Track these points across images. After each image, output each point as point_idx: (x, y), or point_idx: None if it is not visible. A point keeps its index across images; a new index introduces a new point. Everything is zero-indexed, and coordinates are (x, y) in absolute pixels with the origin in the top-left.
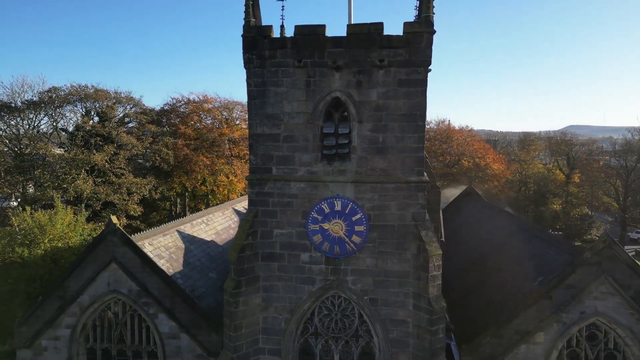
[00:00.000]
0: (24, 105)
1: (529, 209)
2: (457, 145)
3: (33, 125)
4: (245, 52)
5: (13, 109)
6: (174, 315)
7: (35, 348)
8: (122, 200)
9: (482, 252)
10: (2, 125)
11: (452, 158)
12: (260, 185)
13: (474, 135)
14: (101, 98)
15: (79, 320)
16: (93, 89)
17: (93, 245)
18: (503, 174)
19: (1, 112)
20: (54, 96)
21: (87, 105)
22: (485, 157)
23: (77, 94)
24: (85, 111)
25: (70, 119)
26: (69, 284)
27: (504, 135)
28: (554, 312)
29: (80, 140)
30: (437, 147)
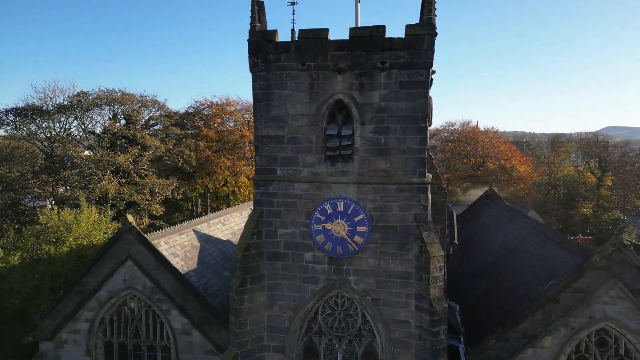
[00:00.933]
0: (54, 109)
1: (558, 213)
2: (482, 147)
3: (63, 128)
4: (250, 57)
5: (44, 113)
6: (186, 312)
7: (57, 340)
8: (145, 200)
9: (497, 255)
10: (34, 127)
11: (476, 160)
12: (265, 186)
13: (500, 137)
14: (127, 102)
15: (97, 314)
16: (120, 92)
17: (110, 243)
18: (530, 177)
19: (33, 115)
20: (83, 100)
21: (114, 109)
22: (511, 159)
23: (105, 97)
24: (113, 114)
25: (97, 121)
26: (88, 280)
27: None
28: (561, 316)
29: (106, 142)
30: (461, 149)
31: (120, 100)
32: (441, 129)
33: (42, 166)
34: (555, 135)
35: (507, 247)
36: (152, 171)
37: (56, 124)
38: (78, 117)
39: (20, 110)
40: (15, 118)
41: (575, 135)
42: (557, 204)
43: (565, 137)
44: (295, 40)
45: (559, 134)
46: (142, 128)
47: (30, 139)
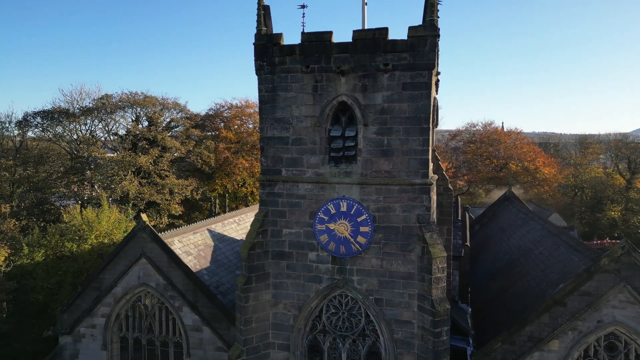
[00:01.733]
0: (79, 112)
1: (584, 216)
2: (504, 148)
3: (89, 130)
4: (256, 60)
5: (70, 115)
6: (196, 309)
7: (75, 335)
8: (165, 200)
9: (511, 258)
10: (60, 129)
11: (499, 161)
12: (270, 186)
13: (523, 138)
14: (149, 104)
15: (113, 310)
16: (142, 95)
17: (126, 241)
18: (555, 178)
19: (60, 117)
20: (106, 103)
21: (137, 111)
22: (535, 161)
23: (128, 100)
24: (136, 116)
25: (120, 123)
26: (105, 277)
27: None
28: (568, 320)
29: (128, 143)
30: (483, 150)
31: (142, 102)
32: (463, 130)
33: (68, 167)
34: (583, 137)
35: (521, 250)
36: (172, 172)
37: (82, 126)
38: (102, 120)
39: (47, 113)
40: (43, 120)
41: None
42: (584, 207)
43: (593, 138)
44: (299, 43)
45: (587, 135)
46: (163, 130)
47: (57, 141)
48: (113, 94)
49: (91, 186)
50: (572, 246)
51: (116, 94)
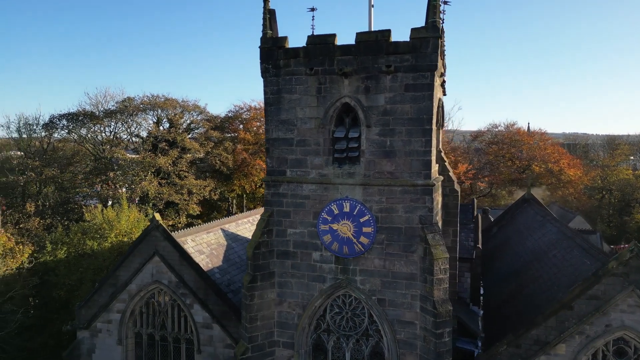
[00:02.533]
0: (103, 114)
1: (612, 219)
2: (527, 149)
3: (113, 132)
4: (262, 62)
5: (94, 117)
6: (207, 306)
7: (92, 329)
8: (183, 200)
9: (525, 261)
10: (85, 131)
11: (521, 163)
12: (275, 187)
13: (547, 138)
14: (170, 107)
15: (128, 306)
16: (163, 98)
17: (140, 239)
18: (580, 180)
19: (84, 120)
20: (128, 105)
21: (158, 113)
22: (560, 162)
23: (149, 103)
24: (157, 118)
25: (142, 125)
26: (120, 273)
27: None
28: (575, 324)
29: (149, 145)
30: (505, 151)
31: (163, 105)
32: (485, 130)
33: (92, 167)
34: (612, 137)
35: (535, 253)
36: (191, 172)
37: (105, 128)
38: (124, 122)
39: (72, 115)
40: (68, 122)
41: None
42: (611, 210)
43: (622, 138)
44: (303, 46)
45: (616, 136)
46: (183, 132)
47: (81, 142)
48: (135, 97)
49: (113, 186)
50: (585, 249)
51: (138, 96)
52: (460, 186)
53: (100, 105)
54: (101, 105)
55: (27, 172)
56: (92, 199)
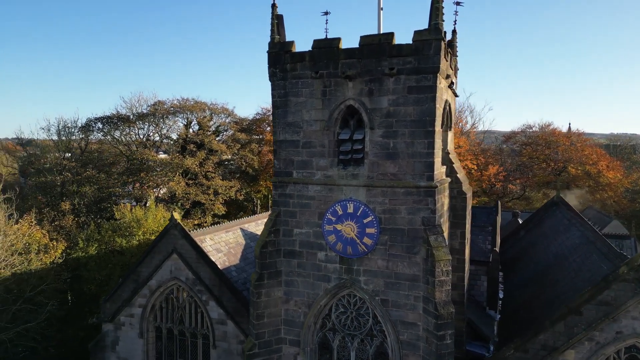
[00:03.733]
0: (135, 117)
1: None
2: (562, 151)
3: (145, 135)
4: (270, 67)
5: (126, 120)
6: (221, 303)
7: (116, 323)
8: (209, 200)
9: (546, 265)
10: (118, 133)
11: (556, 165)
12: (282, 187)
13: (585, 139)
14: (199, 110)
15: (149, 301)
16: (193, 101)
17: (160, 237)
18: (620, 183)
19: (118, 122)
20: (159, 109)
21: (188, 116)
22: (598, 164)
23: (179, 106)
24: (187, 121)
25: (172, 128)
26: (141, 270)
27: (629, 139)
28: (584, 329)
29: (178, 146)
30: (539, 153)
31: (192, 108)
32: (519, 131)
33: (124, 168)
34: None
35: (557, 257)
36: (218, 173)
37: (138, 130)
38: (155, 124)
39: (107, 118)
40: (103, 125)
41: None
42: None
43: None
44: (309, 50)
45: None
46: (211, 134)
47: (115, 144)
48: (165, 100)
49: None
50: (604, 254)
51: (168, 100)
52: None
53: (134, 108)
54: (135, 109)
55: (64, 172)
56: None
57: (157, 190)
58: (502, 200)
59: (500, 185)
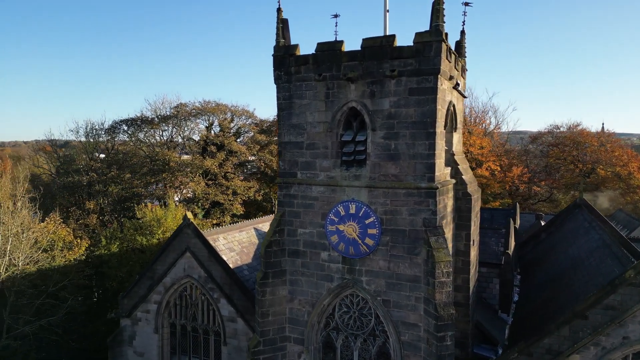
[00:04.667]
0: (158, 119)
1: None
2: (591, 152)
3: (170, 136)
4: (275, 70)
5: (150, 122)
6: (232, 301)
7: (133, 318)
8: (228, 200)
9: (562, 268)
10: (142, 135)
11: (584, 166)
12: (287, 188)
13: (615, 140)
14: (219, 112)
15: (163, 298)
16: (214, 103)
17: (174, 236)
18: None
19: (142, 124)
20: (181, 111)
21: (209, 118)
22: (628, 165)
23: (201, 108)
24: (209, 123)
25: (194, 129)
26: (156, 267)
27: None
28: (590, 334)
29: (199, 148)
30: (566, 154)
31: (213, 110)
32: (545, 132)
33: (147, 169)
34: None
35: (574, 261)
36: (237, 174)
37: (161, 132)
38: (177, 126)
39: (131, 121)
40: (128, 127)
41: None
42: None
43: None
44: (313, 53)
45: None
46: (231, 135)
47: (139, 145)
48: (187, 103)
49: (165, 186)
50: (618, 258)
51: (190, 102)
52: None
53: (158, 110)
54: (159, 111)
55: (90, 172)
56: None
57: (178, 191)
58: (528, 203)
59: (524, 187)
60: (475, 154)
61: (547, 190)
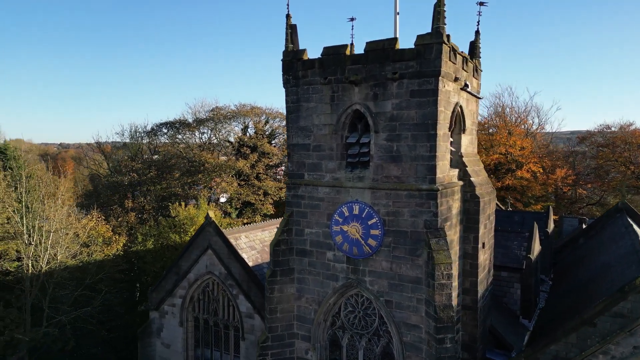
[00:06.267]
0: (195, 122)
1: None
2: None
3: (207, 138)
4: (283, 74)
5: (187, 125)
6: (249, 298)
7: (160, 311)
8: (259, 200)
9: (592, 275)
10: (180, 137)
11: (637, 168)
12: (295, 189)
13: None
14: (254, 114)
15: (187, 292)
16: (249, 106)
17: (197, 234)
18: None
19: (180, 127)
20: (216, 114)
21: (245, 121)
22: None
23: (235, 112)
24: (244, 125)
25: (229, 132)
26: (181, 263)
27: None
28: (598, 342)
29: (233, 149)
30: (617, 155)
31: (247, 113)
32: (595, 132)
33: (185, 170)
34: None
35: (603, 267)
36: (269, 175)
37: (201, 135)
38: (214, 128)
39: (170, 124)
40: (167, 130)
41: None
42: None
43: None
44: (319, 57)
45: None
46: (265, 137)
47: (177, 147)
48: (223, 106)
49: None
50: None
51: (225, 105)
52: (560, 194)
53: (197, 113)
54: (197, 114)
55: (131, 173)
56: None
57: (212, 191)
58: (575, 206)
59: (568, 190)
60: (515, 155)
61: (596, 193)
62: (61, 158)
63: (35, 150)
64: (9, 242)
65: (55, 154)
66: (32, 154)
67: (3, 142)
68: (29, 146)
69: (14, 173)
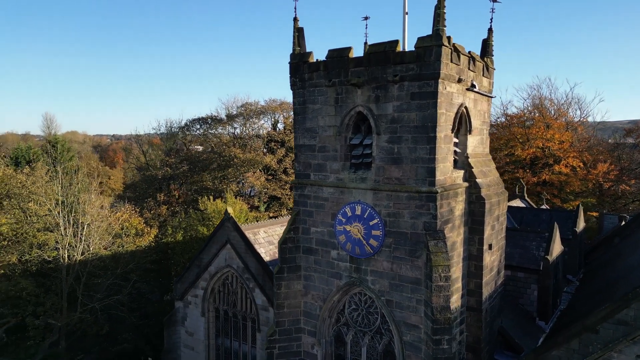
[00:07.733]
0: (226, 118)
1: None
2: None
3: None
4: (291, 76)
5: (219, 121)
6: (264, 291)
7: (185, 301)
8: (285, 195)
9: (617, 277)
10: (212, 133)
11: None
12: (301, 189)
13: None
14: (284, 110)
15: (208, 284)
16: (279, 102)
17: (217, 229)
18: None
19: (212, 123)
20: (246, 110)
21: (274, 116)
22: None
23: (265, 107)
24: (274, 121)
25: (259, 127)
26: (203, 257)
27: None
28: (600, 349)
29: (262, 144)
30: None
31: (276, 109)
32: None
33: (216, 164)
34: None
35: (629, 269)
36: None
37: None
38: (243, 124)
39: (202, 119)
40: (199, 126)
41: None
42: None
43: None
44: (324, 59)
45: None
46: (291, 132)
47: (208, 142)
48: (252, 102)
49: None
50: None
51: (255, 101)
52: (605, 190)
53: (230, 109)
54: (230, 109)
55: (165, 167)
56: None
57: (240, 185)
58: (618, 203)
59: (609, 186)
60: (553, 149)
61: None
62: (112, 150)
63: (89, 141)
64: (48, 233)
65: (107, 146)
66: (87, 144)
67: (53, 135)
68: (83, 137)
69: (64, 166)
